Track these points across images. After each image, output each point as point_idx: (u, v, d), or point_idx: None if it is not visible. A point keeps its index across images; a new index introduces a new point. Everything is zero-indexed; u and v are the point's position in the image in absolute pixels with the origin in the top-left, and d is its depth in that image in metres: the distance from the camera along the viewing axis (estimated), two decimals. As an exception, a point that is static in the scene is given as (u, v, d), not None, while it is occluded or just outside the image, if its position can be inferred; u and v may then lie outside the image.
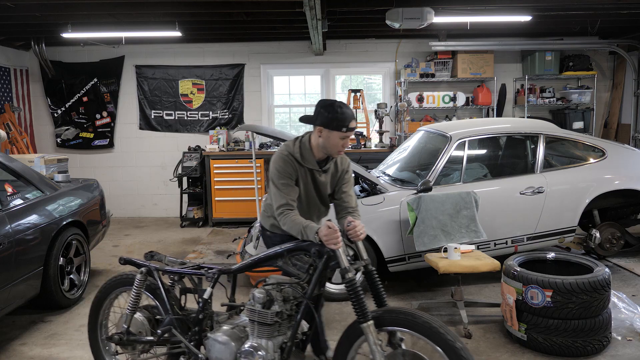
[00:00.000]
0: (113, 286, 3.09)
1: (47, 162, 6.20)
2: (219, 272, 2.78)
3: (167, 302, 2.90)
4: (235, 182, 7.66)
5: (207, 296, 2.79)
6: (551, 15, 6.56)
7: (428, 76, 7.86)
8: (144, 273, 2.93)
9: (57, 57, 8.23)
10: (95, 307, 3.14)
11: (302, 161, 2.88)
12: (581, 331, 3.38)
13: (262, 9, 5.92)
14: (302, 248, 2.59)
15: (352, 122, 2.77)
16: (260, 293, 2.51)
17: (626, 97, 8.08)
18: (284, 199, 2.79)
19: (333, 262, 2.49)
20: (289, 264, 2.64)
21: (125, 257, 3.07)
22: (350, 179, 3.06)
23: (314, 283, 2.51)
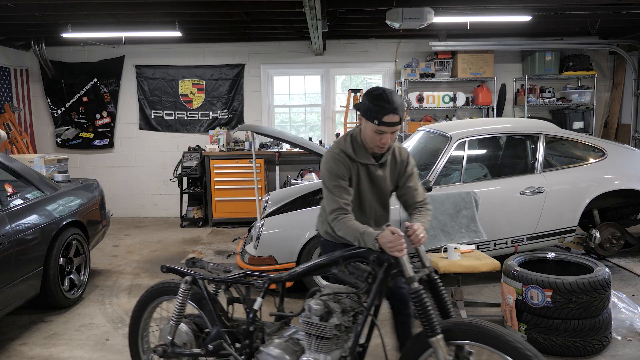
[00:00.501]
0: (154, 295, 2.93)
1: (47, 162, 6.21)
2: (269, 281, 2.60)
3: (214, 312, 2.71)
4: (235, 182, 7.66)
5: (258, 307, 2.60)
6: (551, 15, 6.56)
7: (428, 76, 7.86)
8: (188, 282, 2.75)
9: (57, 57, 8.23)
10: (136, 317, 2.99)
11: (354, 156, 2.65)
12: (581, 331, 3.38)
13: (262, 9, 5.92)
14: (360, 255, 2.40)
15: (390, 116, 2.48)
16: (318, 304, 2.33)
17: (626, 97, 8.08)
18: (337, 202, 2.58)
19: (394, 270, 2.30)
20: (345, 272, 2.44)
21: (167, 265, 2.90)
22: (413, 171, 2.78)
23: (374, 293, 2.31)
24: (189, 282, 2.75)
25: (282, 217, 4.90)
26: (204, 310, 2.77)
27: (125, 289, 5.01)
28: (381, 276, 2.31)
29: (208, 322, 2.75)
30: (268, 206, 5.58)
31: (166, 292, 2.88)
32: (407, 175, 2.76)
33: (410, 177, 2.76)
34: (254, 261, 4.60)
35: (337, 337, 2.34)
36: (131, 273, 5.51)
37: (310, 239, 4.54)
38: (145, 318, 2.98)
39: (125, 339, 3.84)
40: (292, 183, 6.91)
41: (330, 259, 2.47)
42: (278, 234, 4.65)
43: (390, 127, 2.50)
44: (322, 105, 8.60)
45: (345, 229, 2.50)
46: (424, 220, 2.63)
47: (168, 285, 2.87)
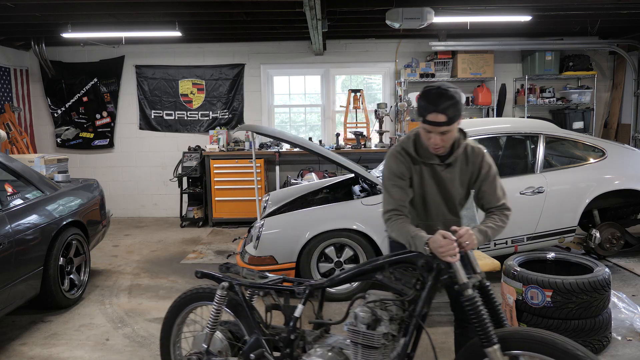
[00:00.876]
0: (187, 301, 2.82)
1: (47, 162, 6.21)
2: (311, 287, 2.49)
3: (252, 320, 2.60)
4: (235, 182, 7.66)
5: (299, 314, 2.49)
6: (551, 15, 6.56)
7: (428, 76, 7.86)
8: (225, 288, 2.63)
9: (57, 57, 8.23)
10: (168, 323, 2.88)
11: (416, 155, 2.49)
12: (581, 331, 3.38)
13: (262, 9, 5.92)
14: (407, 260, 2.29)
15: (433, 115, 2.30)
16: (365, 312, 2.23)
17: (626, 97, 8.08)
18: (392, 203, 2.47)
19: (445, 277, 2.18)
20: (391, 278, 2.32)
21: (202, 271, 2.79)
22: (489, 174, 2.54)
23: (423, 300, 2.19)
24: (225, 288, 2.63)
25: (282, 217, 4.90)
26: (241, 318, 2.66)
27: (125, 289, 5.01)
28: (431, 282, 2.20)
29: (245, 330, 2.64)
30: (268, 206, 5.58)
31: (200, 298, 2.77)
32: (481, 179, 2.54)
33: (485, 180, 2.53)
34: (254, 261, 4.60)
35: (385, 347, 2.23)
36: (131, 273, 5.51)
37: (311, 239, 4.54)
38: (178, 324, 2.87)
39: (125, 339, 3.85)
40: (292, 183, 6.91)
41: (375, 264, 2.35)
42: (278, 234, 4.65)
43: (435, 126, 2.32)
44: (322, 105, 8.60)
45: (397, 230, 2.40)
46: (491, 224, 2.44)
47: (203, 291, 2.76)
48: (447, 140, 2.40)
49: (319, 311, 2.55)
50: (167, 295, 4.81)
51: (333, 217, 4.61)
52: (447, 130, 2.33)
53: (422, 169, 2.52)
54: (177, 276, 5.38)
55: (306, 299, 2.49)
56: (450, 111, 2.29)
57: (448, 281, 2.17)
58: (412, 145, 2.52)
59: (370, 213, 4.57)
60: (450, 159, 2.50)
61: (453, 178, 2.54)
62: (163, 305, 4.54)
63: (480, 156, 2.55)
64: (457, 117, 2.32)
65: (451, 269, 2.15)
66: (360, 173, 4.84)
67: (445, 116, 2.29)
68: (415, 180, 2.53)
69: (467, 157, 2.54)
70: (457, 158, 2.51)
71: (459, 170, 2.53)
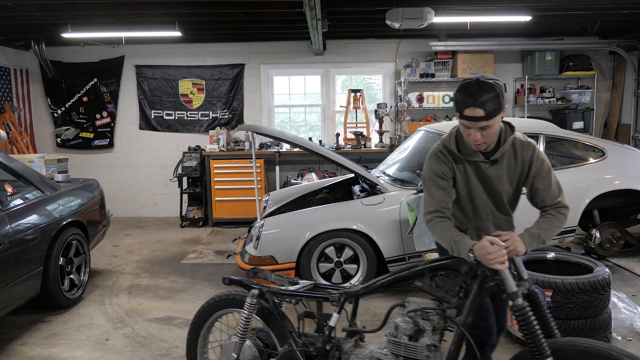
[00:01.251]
0: (213, 308, 2.70)
1: (47, 162, 6.21)
2: (346, 295, 2.38)
3: (285, 329, 2.48)
4: (235, 182, 7.66)
5: (334, 323, 2.38)
6: (551, 15, 6.56)
7: (428, 76, 7.86)
8: (255, 295, 2.51)
9: (57, 57, 8.23)
10: (194, 331, 2.77)
11: (458, 153, 2.36)
12: (581, 331, 3.38)
13: (262, 9, 5.92)
14: (448, 266, 2.17)
15: (470, 109, 2.14)
16: (407, 323, 2.13)
17: (626, 97, 8.08)
18: (434, 204, 2.32)
19: (491, 284, 2.05)
20: (432, 285, 2.20)
21: (230, 277, 2.69)
22: (542, 170, 2.34)
23: (468, 309, 2.06)
24: (255, 295, 2.51)
25: (282, 217, 4.90)
26: (272, 326, 2.55)
27: (125, 289, 5.01)
28: (476, 290, 2.07)
29: (276, 338, 2.54)
30: (268, 206, 5.59)
31: (226, 305, 2.66)
32: (532, 176, 2.35)
33: (537, 177, 2.34)
34: (254, 261, 4.61)
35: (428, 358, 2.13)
36: (131, 273, 5.51)
37: (311, 239, 4.54)
38: (204, 333, 2.78)
39: (125, 339, 3.86)
40: (292, 183, 6.91)
41: (414, 271, 2.23)
42: (278, 234, 4.65)
43: (472, 121, 2.17)
44: (322, 105, 8.60)
45: (439, 234, 2.25)
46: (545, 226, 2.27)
47: (232, 298, 2.65)
48: (489, 136, 2.23)
49: (353, 318, 2.45)
50: (167, 295, 4.81)
51: (333, 217, 4.61)
52: (487, 125, 2.17)
53: (465, 167, 2.37)
54: (177, 276, 5.38)
55: (341, 307, 2.38)
56: (489, 105, 2.13)
57: (494, 288, 2.05)
58: (454, 143, 2.37)
59: (370, 213, 4.57)
60: (495, 155, 2.33)
61: (500, 175, 2.36)
62: (163, 305, 4.54)
63: (531, 152, 2.36)
64: (497, 111, 2.16)
65: (498, 277, 2.02)
66: (360, 173, 4.84)
67: (484, 110, 2.13)
68: (459, 180, 2.39)
69: (516, 152, 2.36)
70: (504, 154, 2.34)
71: (507, 166, 2.37)
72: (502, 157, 2.35)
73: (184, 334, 3.91)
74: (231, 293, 2.66)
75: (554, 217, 2.30)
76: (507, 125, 2.37)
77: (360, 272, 4.62)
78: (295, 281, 2.62)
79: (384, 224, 4.55)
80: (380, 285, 2.33)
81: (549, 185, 2.33)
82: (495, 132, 2.25)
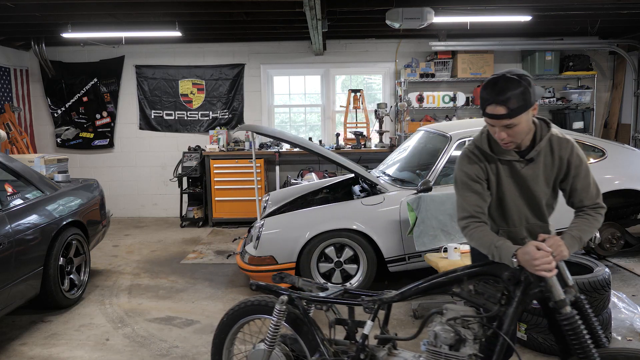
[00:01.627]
0: (240, 314, 2.61)
1: (47, 162, 6.21)
2: (380, 301, 2.29)
3: (317, 337, 2.39)
4: (235, 182, 7.66)
5: (368, 331, 2.29)
6: (551, 15, 6.56)
7: (428, 76, 7.86)
8: (284, 302, 2.41)
9: (57, 57, 8.23)
10: (219, 337, 2.68)
11: (491, 152, 2.22)
12: (581, 331, 3.38)
13: (262, 9, 5.92)
14: (489, 272, 2.07)
15: (491, 106, 2.04)
16: (447, 331, 2.04)
17: (626, 97, 8.08)
18: (468, 209, 2.19)
19: (535, 290, 1.96)
20: (471, 292, 2.11)
21: (257, 283, 2.58)
22: (580, 169, 2.20)
23: (511, 317, 1.97)
24: (285, 302, 2.41)
25: (282, 217, 4.90)
26: (301, 334, 2.46)
27: (125, 289, 5.01)
28: (519, 297, 1.97)
29: (305, 346, 2.44)
30: (268, 206, 5.59)
31: (254, 311, 2.57)
32: (572, 175, 2.21)
33: (577, 178, 2.20)
34: (254, 261, 4.61)
35: None
36: (131, 273, 5.51)
37: (310, 239, 4.54)
38: (230, 339, 2.69)
39: (125, 339, 3.86)
40: (292, 183, 6.91)
41: (452, 276, 2.14)
42: (278, 234, 4.65)
43: (494, 119, 2.06)
44: (322, 105, 8.60)
45: (477, 240, 2.12)
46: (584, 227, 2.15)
47: (258, 304, 2.57)
48: (515, 134, 2.09)
49: (385, 325, 2.36)
50: (167, 295, 4.81)
51: (333, 217, 4.61)
52: (510, 123, 2.04)
53: (498, 167, 2.23)
54: (177, 276, 5.38)
55: (375, 314, 2.30)
56: (512, 102, 2.01)
57: (539, 295, 1.97)
58: (485, 141, 2.23)
59: (370, 213, 4.57)
60: (531, 154, 2.18)
61: (536, 175, 2.21)
62: (163, 305, 4.54)
63: (569, 150, 2.20)
64: (521, 109, 2.02)
65: (543, 283, 1.93)
66: (360, 173, 4.84)
67: (506, 108, 2.02)
68: (492, 181, 2.24)
69: (553, 150, 2.20)
70: (540, 152, 2.19)
71: (543, 165, 2.21)
72: (538, 155, 2.20)
73: (184, 334, 3.92)
74: (256, 299, 2.58)
75: (593, 217, 2.18)
76: (543, 122, 2.23)
77: (360, 272, 4.62)
78: (324, 286, 2.54)
79: (384, 224, 4.55)
80: (415, 292, 2.25)
81: (588, 185, 2.21)
82: (523, 131, 2.10)
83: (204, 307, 4.51)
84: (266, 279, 4.61)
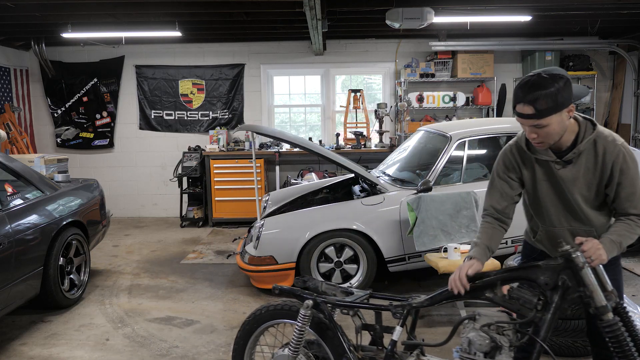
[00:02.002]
0: (263, 318, 2.56)
1: (47, 162, 6.21)
2: (409, 306, 2.24)
3: (343, 343, 2.33)
4: (235, 182, 7.66)
5: (397, 337, 2.25)
6: (551, 15, 6.56)
7: (428, 76, 7.86)
8: (309, 306, 2.35)
9: (57, 57, 8.23)
10: (241, 342, 2.62)
11: (529, 151, 2.20)
12: (581, 331, 3.37)
13: (262, 9, 5.92)
14: (524, 277, 2.02)
15: (520, 105, 2.01)
16: (482, 338, 1.97)
17: (626, 97, 8.08)
18: (486, 203, 2.31)
19: (573, 295, 1.91)
20: (505, 297, 2.05)
21: (281, 287, 2.53)
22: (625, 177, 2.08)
23: (548, 323, 1.92)
24: (310, 306, 2.35)
25: (282, 217, 4.90)
26: (326, 339, 2.40)
27: (125, 289, 5.01)
28: (557, 302, 1.92)
29: (330, 352, 2.38)
30: (268, 206, 5.59)
31: (277, 315, 2.53)
32: (615, 182, 2.10)
33: (620, 185, 2.09)
34: (254, 261, 4.61)
35: None
36: (131, 273, 5.51)
37: (310, 239, 4.54)
38: (252, 342, 2.63)
39: (125, 339, 3.86)
40: (292, 183, 6.91)
41: (486, 281, 2.08)
42: (278, 234, 4.65)
43: (523, 119, 2.03)
44: (322, 105, 8.60)
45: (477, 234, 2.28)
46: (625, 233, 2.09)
47: (281, 308, 2.51)
48: (546, 135, 2.04)
49: (412, 331, 2.31)
50: (167, 295, 4.81)
51: (333, 217, 4.61)
52: (539, 124, 2.00)
53: (534, 166, 2.20)
54: (177, 276, 5.38)
55: (405, 319, 2.25)
56: (541, 103, 1.96)
57: (578, 301, 1.92)
58: (524, 139, 2.21)
59: (370, 213, 4.57)
60: (569, 155, 2.11)
61: (575, 178, 2.14)
62: (163, 305, 4.55)
63: (616, 153, 2.08)
64: (551, 110, 1.97)
65: (581, 288, 1.88)
66: (360, 173, 4.84)
67: (533, 108, 1.98)
68: (527, 180, 2.24)
69: (597, 152, 2.10)
70: (581, 154, 2.11)
71: (584, 168, 2.12)
72: (577, 157, 2.12)
73: (184, 334, 3.92)
74: (279, 303, 2.54)
75: (636, 224, 2.11)
76: (589, 122, 2.15)
77: (360, 272, 4.62)
78: (349, 290, 2.49)
79: (384, 224, 4.55)
80: (446, 297, 2.19)
81: (633, 194, 2.09)
82: (554, 132, 2.04)
83: (204, 307, 4.51)
84: (266, 279, 4.66)
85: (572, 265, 1.89)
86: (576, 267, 1.88)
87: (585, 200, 2.18)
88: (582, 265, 1.87)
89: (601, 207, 2.22)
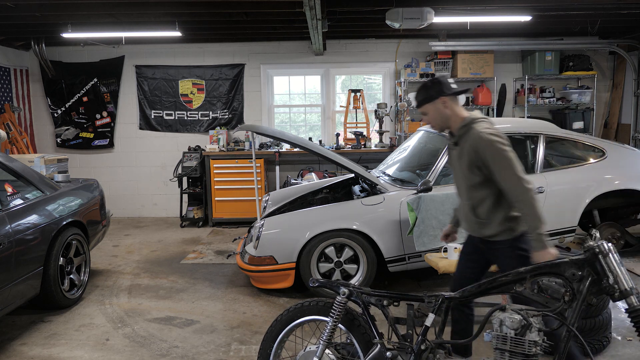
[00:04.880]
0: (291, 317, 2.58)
1: (47, 162, 6.21)
2: (443, 297, 2.28)
3: (373, 331, 2.37)
4: (235, 182, 7.66)
5: (430, 323, 2.30)
6: (551, 15, 6.56)
7: (428, 76, 7.85)
8: (345, 294, 2.36)
9: (57, 57, 8.23)
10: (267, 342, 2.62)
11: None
12: (581, 331, 3.36)
13: (262, 9, 5.92)
14: (552, 271, 2.13)
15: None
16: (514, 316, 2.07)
17: (626, 97, 8.08)
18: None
19: (599, 285, 2.01)
20: (533, 290, 2.18)
21: (317, 279, 2.61)
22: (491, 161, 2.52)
23: (576, 312, 2.03)
24: (346, 294, 2.37)
25: (282, 217, 4.90)
26: (356, 333, 2.41)
27: (125, 289, 5.01)
28: (584, 292, 2.03)
29: (359, 347, 2.40)
30: (268, 206, 5.59)
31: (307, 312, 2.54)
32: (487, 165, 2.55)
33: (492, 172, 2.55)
34: (254, 261, 4.61)
35: (536, 356, 2.05)
36: (131, 273, 5.51)
37: (310, 239, 4.54)
38: (279, 343, 2.63)
39: (125, 339, 3.86)
40: (292, 183, 6.91)
41: (515, 275, 2.17)
42: (278, 234, 4.65)
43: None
44: (322, 105, 8.60)
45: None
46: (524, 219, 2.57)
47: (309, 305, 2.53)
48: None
49: (441, 331, 2.36)
50: (167, 295, 4.81)
51: (333, 217, 4.61)
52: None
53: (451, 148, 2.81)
54: (177, 276, 5.38)
55: (438, 307, 2.29)
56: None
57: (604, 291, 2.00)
58: None
59: (370, 213, 4.57)
60: (454, 138, 2.72)
61: (459, 157, 2.69)
62: (163, 305, 4.55)
63: (474, 138, 2.59)
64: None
65: (607, 276, 1.98)
66: (360, 173, 4.84)
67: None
68: None
69: (467, 138, 2.64)
70: (461, 138, 2.67)
71: (465, 151, 2.64)
72: (460, 140, 2.67)
73: (184, 334, 3.92)
74: (307, 301, 2.57)
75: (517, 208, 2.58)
76: (477, 116, 2.66)
77: (360, 272, 4.62)
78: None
79: (384, 224, 4.55)
80: (477, 292, 2.27)
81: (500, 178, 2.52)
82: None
83: (204, 307, 4.51)
84: (266, 279, 4.66)
85: (598, 254, 2.03)
86: (602, 255, 2.02)
87: (464, 177, 2.68)
88: (607, 252, 2.02)
89: (477, 186, 2.64)
